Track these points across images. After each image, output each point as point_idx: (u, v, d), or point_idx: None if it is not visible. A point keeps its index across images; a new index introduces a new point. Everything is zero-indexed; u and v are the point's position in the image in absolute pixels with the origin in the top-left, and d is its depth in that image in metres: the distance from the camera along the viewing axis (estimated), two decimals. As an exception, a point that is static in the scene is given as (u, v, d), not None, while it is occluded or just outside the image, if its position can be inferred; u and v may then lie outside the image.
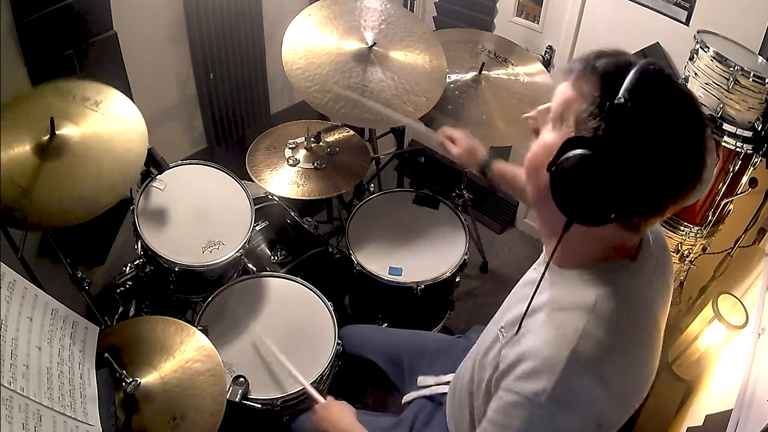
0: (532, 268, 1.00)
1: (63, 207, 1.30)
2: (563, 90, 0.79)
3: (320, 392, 1.37)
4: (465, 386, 1.07)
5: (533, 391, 0.75)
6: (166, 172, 1.64)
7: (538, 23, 2.37)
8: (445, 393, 1.25)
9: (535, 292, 0.85)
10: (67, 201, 1.30)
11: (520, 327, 0.85)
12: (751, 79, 1.59)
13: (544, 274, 0.86)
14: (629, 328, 0.81)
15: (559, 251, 0.82)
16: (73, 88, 1.48)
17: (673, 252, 1.93)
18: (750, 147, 1.65)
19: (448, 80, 1.97)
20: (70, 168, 1.34)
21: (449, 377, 1.29)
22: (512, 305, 0.97)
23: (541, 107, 0.84)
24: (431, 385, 1.34)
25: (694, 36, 1.72)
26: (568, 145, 0.74)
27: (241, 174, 1.81)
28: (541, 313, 0.83)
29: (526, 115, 0.88)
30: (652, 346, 0.85)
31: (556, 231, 0.80)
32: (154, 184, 1.66)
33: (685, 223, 1.87)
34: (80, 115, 1.43)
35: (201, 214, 1.67)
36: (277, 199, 1.98)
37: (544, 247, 0.96)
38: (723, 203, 1.78)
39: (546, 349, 0.77)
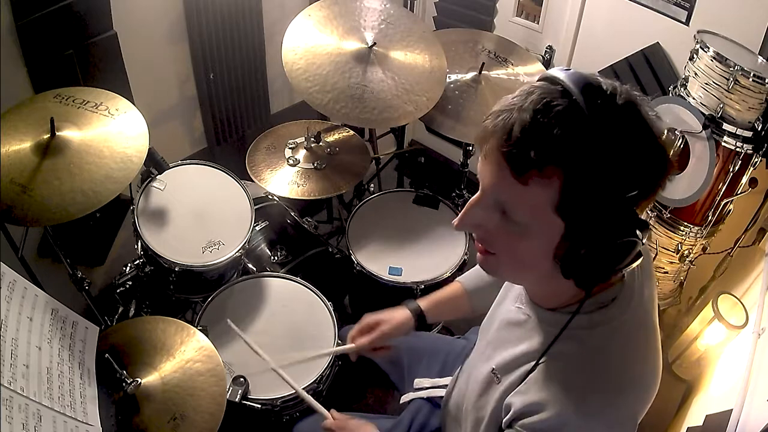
0: (515, 306, 0.93)
1: (63, 202, 1.29)
2: (522, 195, 0.70)
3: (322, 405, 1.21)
4: (454, 416, 1.08)
5: None
6: (166, 172, 1.65)
7: (538, 23, 2.37)
8: (443, 396, 1.25)
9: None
10: (68, 195, 1.30)
11: (525, 379, 0.83)
12: (751, 79, 1.59)
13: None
14: (631, 358, 0.80)
15: (547, 294, 0.84)
16: (73, 93, 1.49)
17: (673, 252, 1.93)
18: (750, 147, 1.65)
19: (448, 80, 1.97)
20: (70, 165, 1.34)
21: (446, 380, 1.29)
22: (500, 346, 0.93)
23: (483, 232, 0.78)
24: (428, 387, 1.34)
25: (694, 36, 1.72)
26: (575, 234, 0.71)
27: (241, 174, 1.81)
28: (543, 363, 0.81)
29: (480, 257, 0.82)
30: (656, 345, 0.84)
31: (548, 284, 0.80)
32: (154, 184, 1.66)
33: (685, 223, 1.87)
34: (81, 117, 1.44)
35: (201, 214, 1.67)
36: (277, 199, 1.98)
37: (524, 288, 0.91)
38: (723, 203, 1.78)
39: (555, 405, 0.76)
